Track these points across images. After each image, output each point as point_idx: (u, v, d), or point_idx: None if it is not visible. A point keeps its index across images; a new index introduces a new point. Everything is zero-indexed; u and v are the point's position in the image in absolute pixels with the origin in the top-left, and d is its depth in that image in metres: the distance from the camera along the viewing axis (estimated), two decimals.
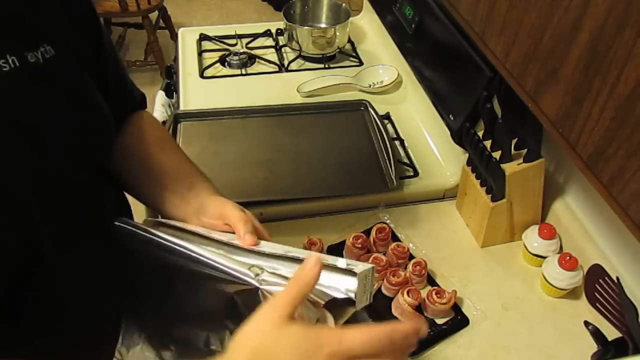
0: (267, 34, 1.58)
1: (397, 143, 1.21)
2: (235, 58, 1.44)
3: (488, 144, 0.94)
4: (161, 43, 2.86)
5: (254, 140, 1.19)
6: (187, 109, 1.28)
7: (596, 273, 0.85)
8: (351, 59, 1.49)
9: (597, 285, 0.83)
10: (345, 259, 0.56)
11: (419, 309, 0.86)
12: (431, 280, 0.92)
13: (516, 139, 0.93)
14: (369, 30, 1.60)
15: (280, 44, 1.52)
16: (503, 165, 0.90)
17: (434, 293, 0.85)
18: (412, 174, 1.13)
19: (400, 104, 1.33)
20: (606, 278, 0.83)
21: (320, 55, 1.45)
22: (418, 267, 0.89)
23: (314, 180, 1.09)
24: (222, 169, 1.10)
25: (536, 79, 0.62)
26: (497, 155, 0.91)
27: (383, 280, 0.89)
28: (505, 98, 0.90)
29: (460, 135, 1.02)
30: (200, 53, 1.48)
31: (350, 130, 1.22)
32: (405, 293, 0.84)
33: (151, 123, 0.77)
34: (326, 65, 1.45)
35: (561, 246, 0.95)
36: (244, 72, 1.42)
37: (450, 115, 1.08)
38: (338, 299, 0.51)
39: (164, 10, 2.92)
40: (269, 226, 0.70)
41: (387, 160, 1.11)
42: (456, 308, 0.88)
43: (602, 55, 0.51)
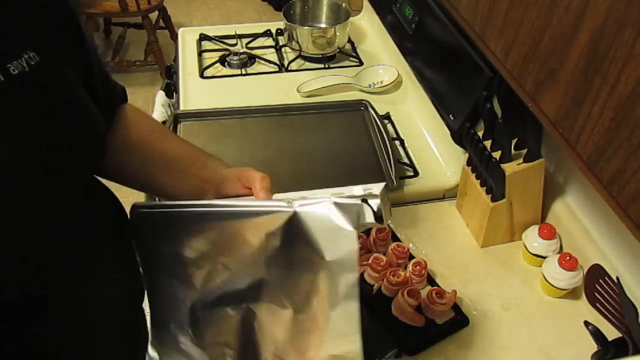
0: (267, 34, 1.58)
1: (397, 143, 1.21)
2: (235, 58, 1.44)
3: (488, 144, 0.94)
4: (161, 43, 2.86)
5: (254, 140, 1.19)
6: (187, 109, 1.28)
7: (596, 273, 0.85)
8: (351, 59, 1.49)
9: (597, 285, 0.83)
10: (361, 185, 0.58)
11: (419, 309, 0.86)
12: (431, 280, 0.92)
13: (516, 139, 0.93)
14: (369, 30, 1.59)
15: (280, 44, 1.52)
16: (503, 165, 0.90)
17: (434, 293, 0.85)
18: (412, 174, 1.13)
19: (400, 104, 1.33)
20: (606, 278, 0.83)
21: (320, 55, 1.45)
22: (418, 267, 0.89)
23: (314, 180, 1.08)
24: None
25: (536, 79, 0.62)
26: (497, 155, 0.91)
27: (383, 280, 0.89)
28: (505, 98, 0.90)
29: (460, 135, 1.02)
30: (200, 53, 1.48)
31: (350, 130, 1.22)
32: (405, 293, 0.84)
33: (140, 114, 0.76)
34: (326, 65, 1.45)
35: (561, 246, 0.95)
36: (244, 72, 1.42)
37: (450, 115, 1.08)
38: (367, 222, 0.54)
39: (164, 10, 2.92)
40: None
41: (387, 160, 1.11)
42: (456, 308, 0.88)
43: (602, 55, 0.51)
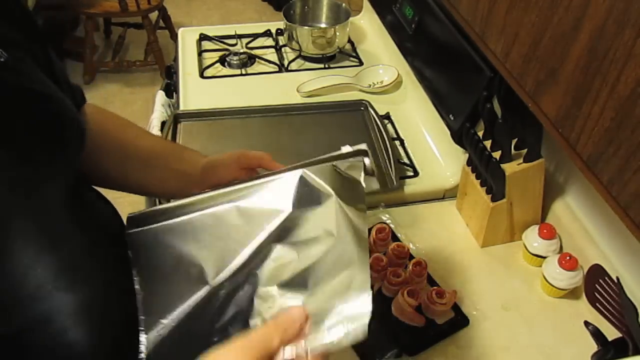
0: (267, 34, 1.58)
1: (397, 143, 1.21)
2: (235, 58, 1.44)
3: (488, 144, 0.94)
4: (161, 43, 2.86)
5: (254, 140, 1.19)
6: (187, 109, 1.28)
7: (596, 273, 0.85)
8: (351, 59, 1.49)
9: (597, 285, 0.83)
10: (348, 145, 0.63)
11: (419, 309, 0.86)
12: (431, 280, 0.92)
13: (516, 139, 0.93)
14: (369, 30, 1.59)
15: (280, 44, 1.52)
16: (503, 165, 0.90)
17: (434, 293, 0.85)
18: (412, 174, 1.13)
19: (400, 104, 1.33)
20: (606, 278, 0.83)
21: (320, 55, 1.45)
22: (418, 267, 0.89)
23: None
24: None
25: (536, 79, 0.62)
26: (497, 155, 0.91)
27: (383, 280, 0.89)
28: (505, 98, 0.90)
29: (460, 135, 1.02)
30: (200, 53, 1.48)
31: (350, 130, 1.22)
32: (405, 293, 0.84)
33: (104, 113, 0.75)
34: (326, 65, 1.45)
35: (561, 246, 0.95)
36: (244, 72, 1.42)
37: (450, 115, 1.08)
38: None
39: (164, 10, 2.92)
40: None
41: (387, 160, 1.11)
42: (456, 308, 0.88)
43: (602, 55, 0.51)
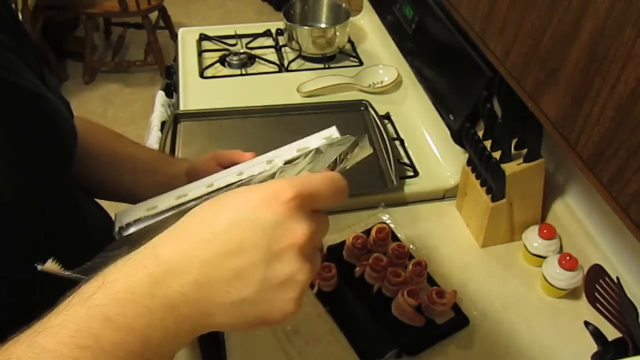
0: (267, 34, 1.58)
1: (397, 143, 1.21)
2: (235, 58, 1.44)
3: (488, 144, 0.93)
4: (161, 43, 2.86)
5: (254, 140, 1.19)
6: (187, 109, 1.28)
7: (596, 273, 0.85)
8: (351, 59, 1.49)
9: (597, 285, 0.83)
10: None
11: (419, 309, 0.86)
12: (431, 280, 0.92)
13: (516, 139, 0.93)
14: (369, 30, 1.59)
15: (280, 44, 1.52)
16: (503, 165, 0.90)
17: (434, 293, 0.85)
18: (412, 174, 1.13)
19: (400, 104, 1.33)
20: (606, 278, 0.83)
21: (320, 55, 1.45)
22: (418, 267, 0.89)
23: None
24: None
25: (536, 79, 0.62)
26: (497, 155, 0.91)
27: (383, 280, 0.89)
28: (505, 98, 0.90)
29: (460, 135, 1.02)
30: (200, 53, 1.48)
31: (350, 130, 1.21)
32: (405, 293, 0.84)
33: (92, 122, 0.77)
34: (326, 65, 1.45)
35: (561, 246, 0.95)
36: (244, 72, 1.42)
37: (450, 115, 1.08)
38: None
39: (164, 10, 2.92)
40: None
41: (387, 160, 1.11)
42: (456, 308, 0.88)
43: (602, 55, 0.51)
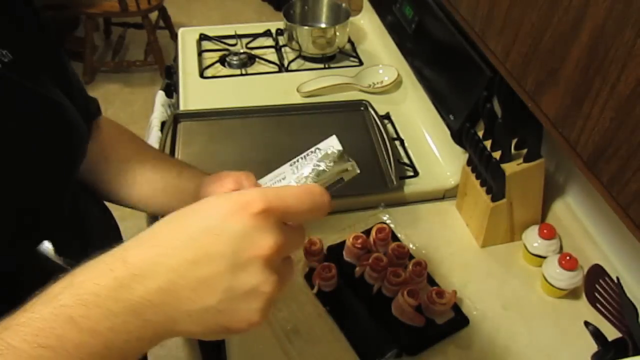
0: (267, 34, 1.58)
1: (397, 143, 1.21)
2: (235, 58, 1.44)
3: (488, 144, 0.93)
4: (161, 43, 2.86)
5: (254, 140, 1.19)
6: (187, 109, 1.28)
7: (596, 273, 0.85)
8: (351, 59, 1.49)
9: (597, 285, 0.83)
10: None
11: (419, 309, 0.86)
12: (431, 280, 0.92)
13: (516, 139, 0.93)
14: (369, 30, 1.59)
15: (280, 44, 1.52)
16: (503, 165, 0.90)
17: (434, 293, 0.85)
18: (412, 174, 1.13)
19: (400, 104, 1.33)
20: (606, 278, 0.83)
21: (320, 55, 1.45)
22: (418, 267, 0.89)
23: None
24: (222, 169, 1.08)
25: (536, 79, 0.62)
26: (497, 155, 0.91)
27: (383, 280, 0.89)
28: (505, 98, 0.90)
29: (460, 135, 1.02)
30: (200, 53, 1.48)
31: (350, 130, 1.22)
32: (405, 293, 0.84)
33: (116, 126, 0.77)
34: (326, 65, 1.45)
35: (561, 246, 0.95)
36: (244, 72, 1.42)
37: (450, 115, 1.08)
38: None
39: (164, 10, 2.92)
40: None
41: (387, 160, 1.11)
42: (456, 308, 0.88)
43: (602, 55, 0.51)
